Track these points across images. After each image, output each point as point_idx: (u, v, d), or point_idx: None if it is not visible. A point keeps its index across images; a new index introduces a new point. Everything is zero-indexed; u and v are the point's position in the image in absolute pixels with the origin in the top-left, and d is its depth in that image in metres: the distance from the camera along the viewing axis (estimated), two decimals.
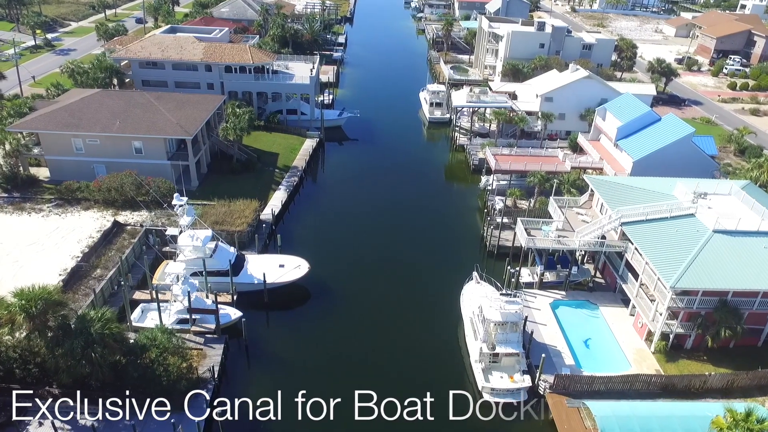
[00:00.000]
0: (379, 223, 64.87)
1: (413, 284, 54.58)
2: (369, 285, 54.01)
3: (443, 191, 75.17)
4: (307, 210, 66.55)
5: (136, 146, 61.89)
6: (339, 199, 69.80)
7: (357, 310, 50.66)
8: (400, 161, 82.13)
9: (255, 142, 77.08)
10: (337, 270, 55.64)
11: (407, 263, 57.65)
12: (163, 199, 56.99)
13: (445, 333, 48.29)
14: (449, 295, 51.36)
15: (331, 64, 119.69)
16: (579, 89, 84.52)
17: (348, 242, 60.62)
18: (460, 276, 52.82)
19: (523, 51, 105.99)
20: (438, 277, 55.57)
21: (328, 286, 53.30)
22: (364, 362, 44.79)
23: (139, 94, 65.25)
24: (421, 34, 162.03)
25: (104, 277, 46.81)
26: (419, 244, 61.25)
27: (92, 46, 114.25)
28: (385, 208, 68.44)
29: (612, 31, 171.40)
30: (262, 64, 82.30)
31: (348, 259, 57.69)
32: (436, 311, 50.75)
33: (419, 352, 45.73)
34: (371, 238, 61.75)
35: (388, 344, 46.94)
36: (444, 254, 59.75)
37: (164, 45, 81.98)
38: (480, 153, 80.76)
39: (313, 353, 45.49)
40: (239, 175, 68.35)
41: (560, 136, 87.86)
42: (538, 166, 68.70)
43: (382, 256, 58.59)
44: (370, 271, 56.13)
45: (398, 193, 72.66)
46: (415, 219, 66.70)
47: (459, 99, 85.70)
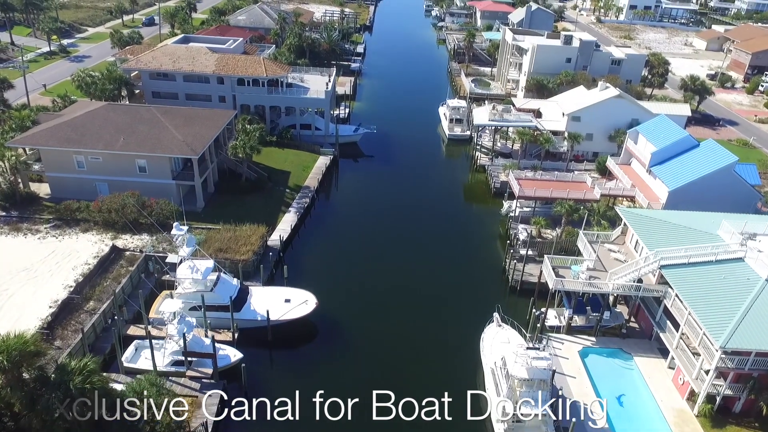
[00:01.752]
0: (394, 251, 60.93)
1: (429, 322, 50.48)
2: (381, 322, 50.04)
3: (462, 215, 70.97)
4: (318, 235, 62.87)
5: (140, 164, 58.93)
6: (351, 223, 66.05)
7: (367, 350, 46.73)
8: (417, 181, 78.18)
9: (266, 159, 73.77)
10: (347, 303, 51.82)
11: (423, 297, 53.62)
12: (165, 222, 53.89)
13: (463, 382, 44.06)
14: (468, 336, 47.25)
15: (349, 74, 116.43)
16: (608, 109, 79.89)
17: (359, 272, 56.79)
18: (480, 313, 48.78)
19: (549, 65, 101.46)
20: (456, 315, 51.41)
21: (337, 321, 49.49)
22: (373, 411, 40.80)
23: (145, 109, 62.37)
24: (442, 44, 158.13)
25: (97, 311, 43.55)
26: (436, 276, 57.16)
27: (107, 53, 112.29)
28: (400, 234, 64.51)
29: (640, 43, 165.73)
30: (276, 77, 79.14)
31: (359, 291, 53.84)
32: (454, 354, 46.60)
33: (433, 403, 41.63)
34: (385, 267, 57.82)
35: (400, 390, 42.89)
36: (463, 288, 55.59)
37: (176, 56, 79.27)
38: (502, 175, 76.47)
39: (318, 400, 41.62)
40: (248, 195, 65.03)
41: (587, 157, 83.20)
42: (565, 192, 64.24)
43: (396, 288, 54.63)
44: (382, 305, 52.20)
45: (414, 217, 68.72)
46: (432, 246, 62.63)
47: (481, 117, 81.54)
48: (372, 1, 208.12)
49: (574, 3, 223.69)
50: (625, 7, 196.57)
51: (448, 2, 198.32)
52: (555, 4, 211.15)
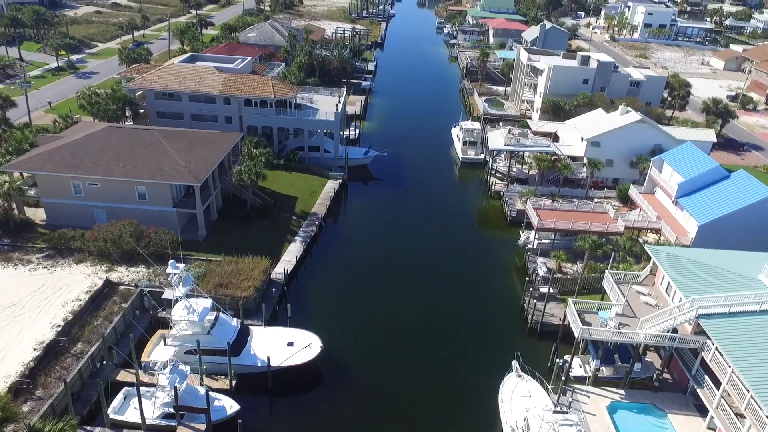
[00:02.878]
0: (404, 286, 57.44)
1: (442, 367, 46.80)
2: (390, 367, 46.41)
3: (477, 245, 67.37)
4: (324, 267, 59.53)
5: (139, 191, 56.14)
6: (359, 254, 62.67)
7: (375, 399, 43.12)
8: (429, 208, 74.87)
9: (273, 184, 70.92)
10: (353, 345, 48.30)
11: (436, 338, 49.99)
12: (164, 253, 50.94)
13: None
14: (484, 383, 43.72)
15: (359, 93, 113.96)
16: (630, 134, 76.40)
17: (367, 309, 53.29)
18: (496, 357, 45.54)
19: (565, 86, 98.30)
20: (471, 359, 47.69)
21: (342, 366, 45.97)
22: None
23: (147, 133, 59.79)
24: (454, 62, 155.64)
25: (85, 354, 40.39)
26: (449, 314, 53.54)
27: (115, 70, 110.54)
28: (411, 266, 61.05)
29: (656, 62, 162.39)
30: (284, 98, 76.54)
31: (366, 331, 50.30)
32: (469, 404, 42.88)
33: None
34: (394, 304, 54.30)
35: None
36: (479, 328, 51.88)
37: (182, 75, 77.01)
38: (518, 203, 73.01)
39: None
40: (252, 222, 62.01)
41: (607, 184, 79.58)
42: (587, 225, 60.64)
43: (407, 328, 51.05)
44: (391, 347, 48.58)
45: (426, 247, 65.30)
46: (445, 280, 59.09)
47: (496, 141, 78.29)
48: (384, 18, 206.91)
49: (588, 21, 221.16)
50: (640, 26, 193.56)
51: (461, 20, 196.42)
52: (568, 22, 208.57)
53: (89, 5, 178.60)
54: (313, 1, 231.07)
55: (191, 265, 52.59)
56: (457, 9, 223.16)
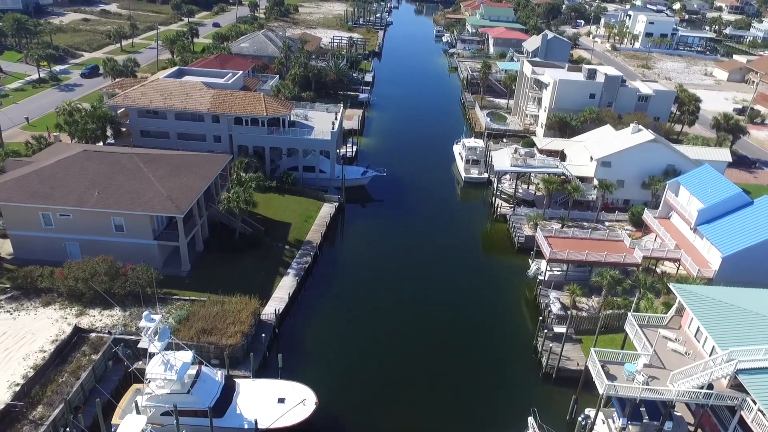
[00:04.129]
0: (408, 326, 52.78)
1: (451, 423, 42.19)
2: (395, 424, 41.77)
3: (483, 275, 62.82)
4: (319, 304, 54.77)
5: (116, 223, 51.39)
6: (358, 288, 58.02)
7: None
8: (431, 232, 70.41)
9: (264, 208, 66.32)
10: (353, 399, 43.60)
11: (444, 388, 45.28)
12: (142, 294, 46.25)
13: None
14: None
15: (357, 106, 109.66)
16: (642, 154, 72.34)
17: (368, 354, 48.59)
18: (510, 411, 41.34)
19: (571, 101, 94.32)
20: (483, 413, 43.07)
21: (341, 425, 41.30)
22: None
23: (126, 158, 55.09)
24: (454, 72, 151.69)
25: (45, 420, 35.54)
26: (458, 359, 48.86)
27: (99, 82, 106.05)
28: (414, 302, 56.47)
29: (659, 73, 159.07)
30: (277, 116, 72.04)
31: (367, 381, 45.57)
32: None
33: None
34: (398, 348, 49.61)
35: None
36: (489, 374, 47.24)
37: (168, 91, 72.37)
38: (526, 227, 68.67)
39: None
40: (242, 254, 57.34)
41: (617, 205, 75.39)
42: (602, 255, 56.29)
43: (413, 377, 46.31)
44: (395, 400, 43.85)
45: (429, 278, 60.79)
46: (451, 317, 54.52)
47: (502, 161, 73.95)
48: (381, 26, 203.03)
49: (588, 30, 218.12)
50: (641, 35, 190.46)
51: (460, 28, 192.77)
52: (568, 30, 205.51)
53: (77, 12, 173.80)
54: (309, 9, 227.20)
55: (173, 307, 47.89)
56: (455, 17, 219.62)
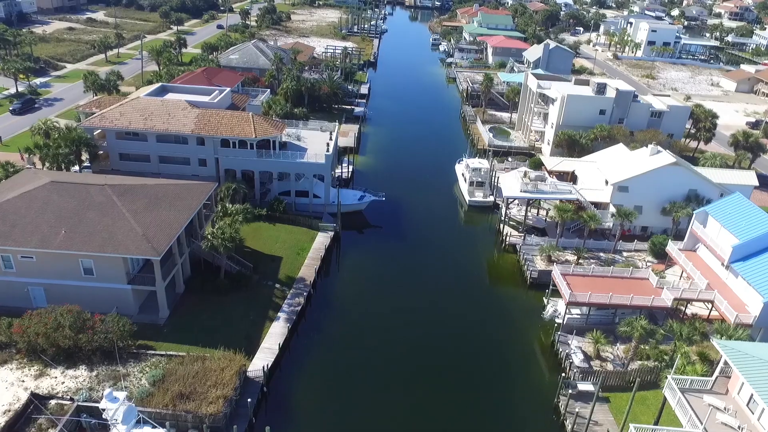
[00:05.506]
0: (411, 378, 47.19)
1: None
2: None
3: (492, 315, 57.23)
4: (313, 355, 48.97)
5: (85, 265, 45.59)
6: (355, 332, 52.30)
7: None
8: (433, 263, 64.91)
9: (253, 240, 60.67)
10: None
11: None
12: (111, 350, 40.49)
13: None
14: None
15: (352, 120, 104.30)
16: (662, 178, 67.17)
17: (368, 412, 42.97)
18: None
19: (580, 117, 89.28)
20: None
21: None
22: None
23: (98, 190, 49.23)
24: (452, 83, 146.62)
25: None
26: (468, 416, 43.32)
27: (81, 97, 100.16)
28: (418, 344, 51.08)
29: (664, 83, 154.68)
30: (267, 137, 66.42)
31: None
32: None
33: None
34: (400, 403, 44.04)
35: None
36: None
37: (148, 111, 66.61)
38: (538, 259, 63.31)
39: None
40: (227, 295, 51.59)
41: (635, 232, 70.15)
42: (627, 297, 50.87)
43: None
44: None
45: (432, 317, 55.35)
46: (458, 366, 49.03)
47: (510, 187, 68.54)
48: (376, 34, 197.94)
49: (588, 38, 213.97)
50: (643, 44, 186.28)
51: (457, 36, 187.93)
52: (568, 38, 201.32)
53: (62, 21, 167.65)
54: (302, 16, 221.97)
55: (147, 364, 42.08)
56: (452, 25, 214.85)
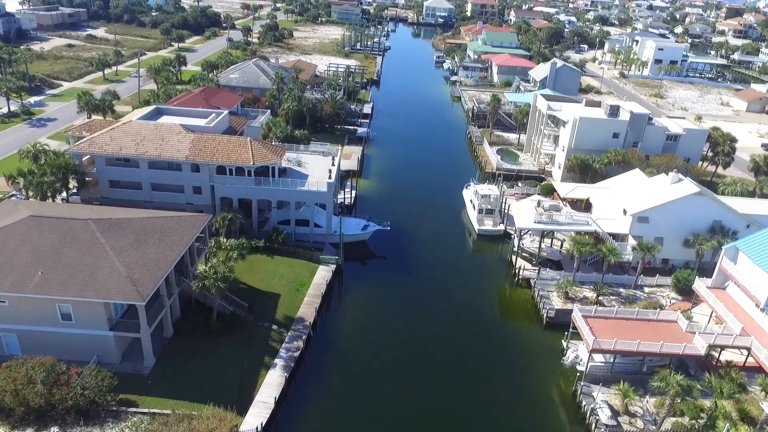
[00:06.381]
0: (418, 427, 42.98)
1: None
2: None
3: (506, 359, 52.90)
4: (313, 405, 44.67)
5: (63, 311, 41.58)
6: (358, 378, 48.05)
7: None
8: (442, 299, 60.87)
9: (250, 274, 56.69)
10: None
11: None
12: (89, 407, 36.31)
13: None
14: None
15: (355, 142, 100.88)
16: (684, 208, 63.35)
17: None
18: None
19: (592, 140, 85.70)
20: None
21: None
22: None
23: (81, 225, 45.33)
24: (457, 101, 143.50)
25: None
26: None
27: (75, 116, 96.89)
28: (427, 389, 46.85)
29: (673, 102, 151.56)
30: (266, 164, 62.74)
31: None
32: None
33: None
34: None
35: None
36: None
37: (140, 135, 63.03)
38: (554, 296, 59.15)
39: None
40: (220, 339, 47.45)
41: (654, 264, 66.01)
42: (657, 345, 46.54)
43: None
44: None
45: (441, 358, 51.19)
46: (471, 417, 44.59)
47: (523, 217, 64.63)
48: (379, 52, 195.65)
49: (593, 55, 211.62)
50: (650, 62, 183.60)
51: (461, 54, 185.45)
52: (573, 56, 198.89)
53: (62, 37, 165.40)
54: (304, 33, 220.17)
55: (127, 425, 37.83)
56: (455, 42, 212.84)
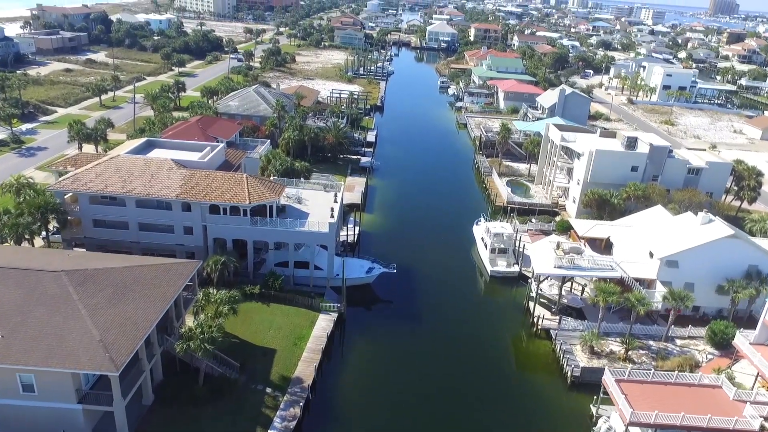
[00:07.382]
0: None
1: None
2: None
3: (527, 423, 47.18)
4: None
5: (24, 381, 36.34)
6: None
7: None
8: (453, 348, 55.76)
9: (243, 325, 51.45)
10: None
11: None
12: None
13: None
14: None
15: (358, 172, 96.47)
16: (717, 252, 58.41)
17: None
18: None
19: (609, 174, 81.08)
20: None
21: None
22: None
23: (52, 278, 40.33)
24: (463, 129, 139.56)
25: None
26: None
27: (66, 146, 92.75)
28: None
29: (684, 130, 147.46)
30: (263, 203, 57.99)
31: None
32: None
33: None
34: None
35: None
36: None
37: (128, 171, 58.41)
38: (578, 350, 53.69)
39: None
40: (206, 407, 42.00)
41: (684, 311, 60.45)
42: (704, 419, 40.91)
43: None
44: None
45: (454, 422, 45.33)
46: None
47: (542, 261, 59.48)
48: (383, 77, 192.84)
49: (600, 81, 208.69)
50: (658, 88, 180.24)
51: (466, 80, 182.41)
52: (579, 81, 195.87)
53: (60, 62, 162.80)
54: (307, 58, 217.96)
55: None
56: (460, 67, 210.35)
